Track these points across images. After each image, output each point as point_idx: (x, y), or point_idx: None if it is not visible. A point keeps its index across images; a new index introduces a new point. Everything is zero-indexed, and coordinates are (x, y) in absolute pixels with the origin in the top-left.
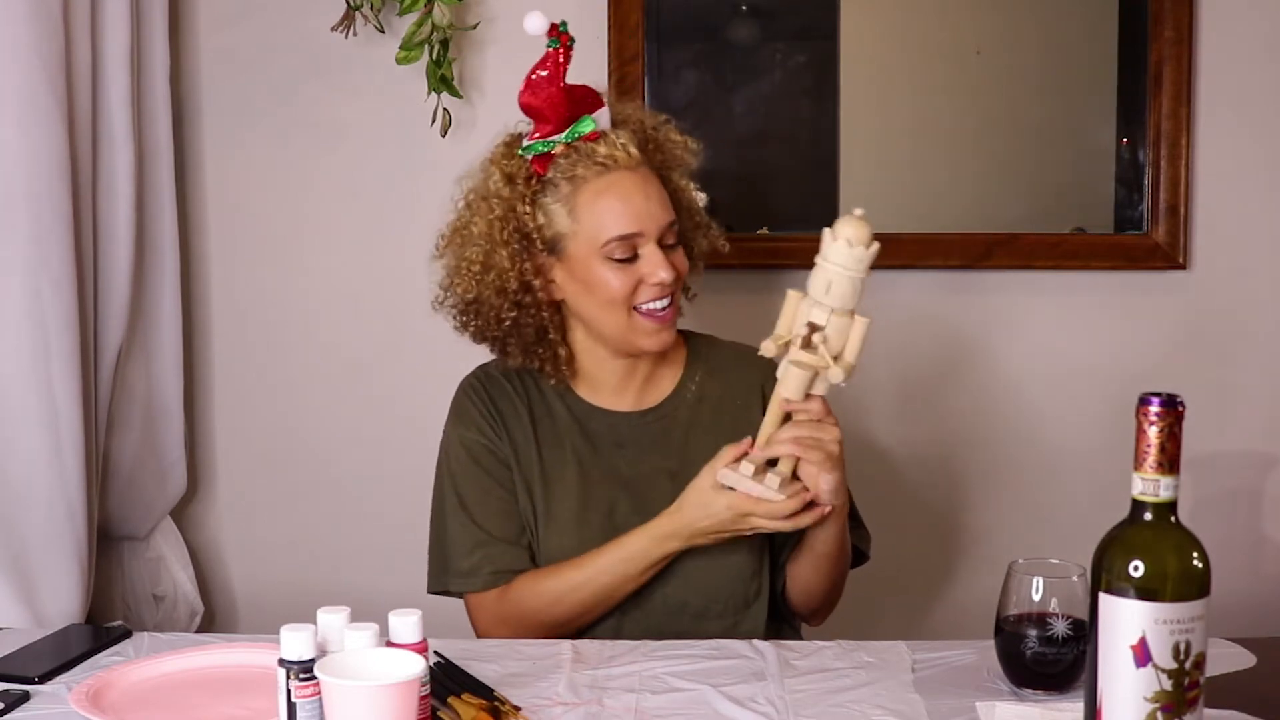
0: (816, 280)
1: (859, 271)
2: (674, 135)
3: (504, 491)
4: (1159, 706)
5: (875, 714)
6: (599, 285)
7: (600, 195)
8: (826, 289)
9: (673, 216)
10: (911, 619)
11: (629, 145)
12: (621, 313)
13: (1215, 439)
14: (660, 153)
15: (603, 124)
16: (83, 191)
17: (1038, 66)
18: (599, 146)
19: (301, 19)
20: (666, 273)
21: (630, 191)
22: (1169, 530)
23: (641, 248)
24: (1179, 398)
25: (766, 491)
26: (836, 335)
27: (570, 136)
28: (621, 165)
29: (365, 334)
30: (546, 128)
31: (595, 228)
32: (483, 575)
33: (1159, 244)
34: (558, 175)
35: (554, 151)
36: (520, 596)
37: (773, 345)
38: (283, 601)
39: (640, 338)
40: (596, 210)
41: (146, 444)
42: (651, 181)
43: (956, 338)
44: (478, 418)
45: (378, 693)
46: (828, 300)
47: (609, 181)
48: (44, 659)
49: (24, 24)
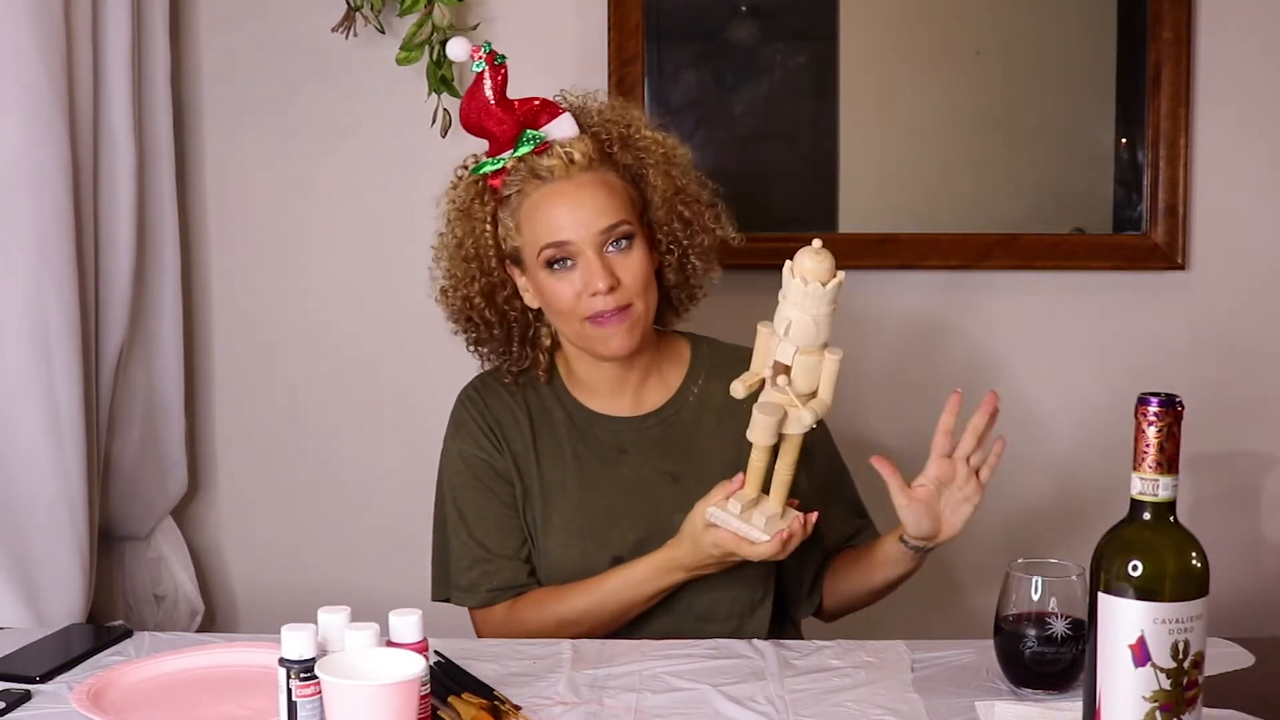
0: (779, 318)
1: (819, 310)
2: (645, 132)
3: (502, 505)
4: (1158, 706)
5: (874, 713)
6: (547, 293)
7: (535, 207)
8: (786, 329)
9: (614, 220)
10: (911, 618)
11: (574, 153)
12: (574, 322)
13: (1214, 439)
14: (630, 152)
15: (561, 132)
16: (84, 192)
17: (1037, 67)
18: (543, 159)
19: (302, 20)
20: (602, 281)
21: (559, 200)
22: (1168, 530)
23: (577, 257)
24: (1178, 398)
25: (751, 531)
26: (804, 375)
27: (517, 152)
28: (558, 176)
29: (365, 334)
30: (495, 146)
31: (533, 238)
32: (480, 592)
33: (1158, 244)
34: (509, 190)
35: (506, 167)
36: (525, 617)
37: (741, 387)
38: (283, 601)
39: (596, 345)
40: (532, 221)
41: (147, 444)
42: (589, 188)
43: (956, 338)
44: (475, 430)
45: (378, 692)
46: (789, 341)
47: (544, 193)
48: (45, 658)
49: (25, 25)
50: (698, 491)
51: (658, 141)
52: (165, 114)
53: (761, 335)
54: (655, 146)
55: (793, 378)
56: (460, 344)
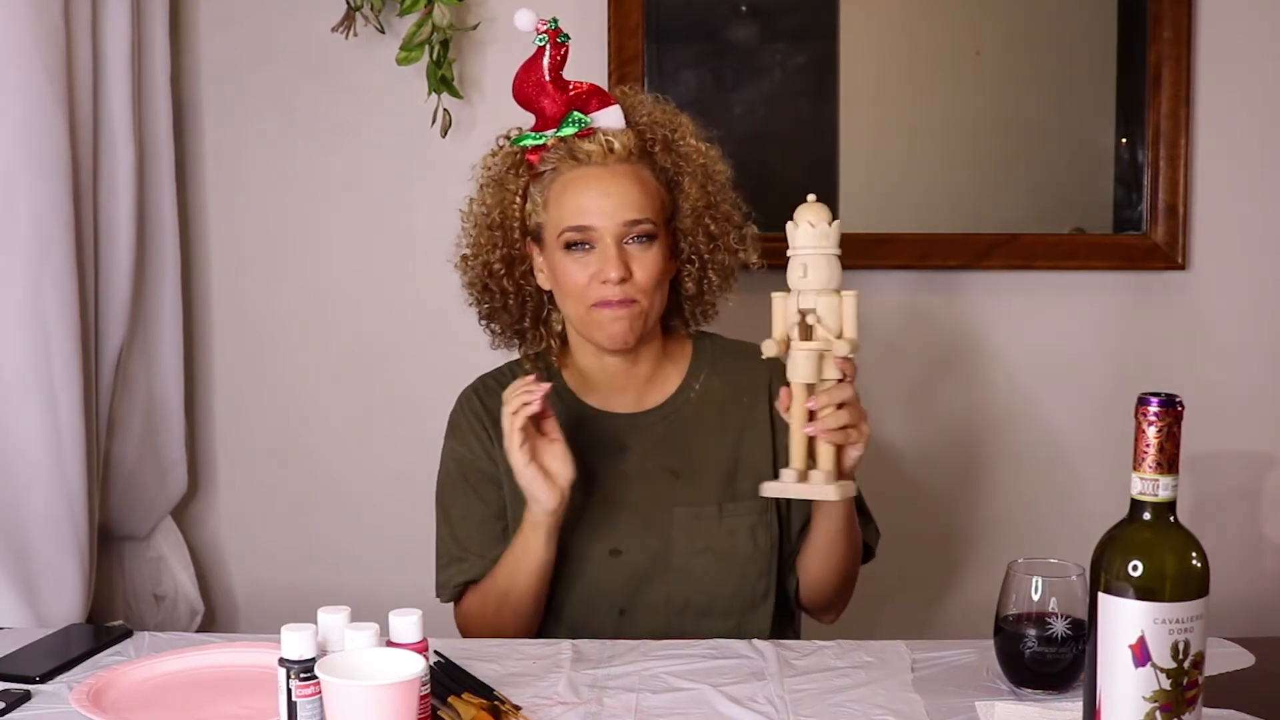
0: (793, 270)
1: (830, 247)
2: (690, 140)
3: (485, 508)
4: (1158, 706)
5: (875, 713)
6: (560, 274)
7: (566, 187)
8: (804, 273)
9: (638, 216)
10: (911, 618)
11: (614, 142)
12: (581, 306)
13: (1214, 439)
14: (671, 155)
15: (608, 122)
16: (84, 192)
17: (1037, 67)
18: (583, 142)
19: (302, 20)
20: (614, 271)
21: (591, 185)
22: (1168, 530)
23: (596, 243)
24: (1178, 398)
25: (817, 491)
26: (829, 314)
27: (560, 132)
28: (595, 161)
29: (365, 334)
30: (541, 121)
31: (557, 217)
32: (451, 589)
33: (1158, 244)
34: (545, 167)
35: (547, 144)
36: (469, 602)
37: (774, 344)
38: (283, 601)
39: (594, 331)
40: (560, 201)
41: (147, 444)
42: (624, 179)
43: (955, 338)
44: (467, 432)
45: (378, 692)
46: (808, 284)
47: (577, 175)
48: (45, 658)
49: (25, 25)
50: (697, 486)
51: (700, 151)
52: (165, 113)
53: (778, 300)
54: (696, 156)
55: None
56: (460, 344)
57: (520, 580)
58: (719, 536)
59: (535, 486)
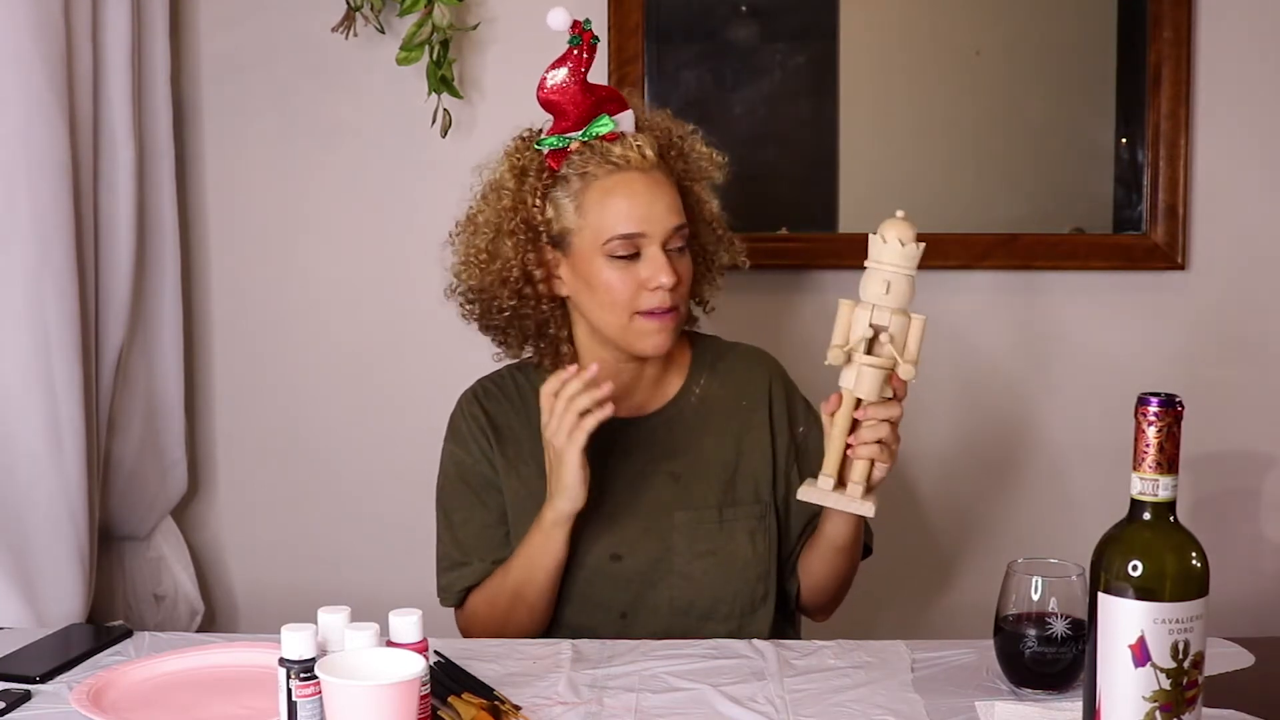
0: (872, 284)
1: (913, 269)
2: (700, 147)
3: (486, 513)
4: (1158, 706)
5: (874, 713)
6: (600, 284)
7: (608, 193)
8: (886, 290)
9: (681, 221)
10: (911, 618)
11: (645, 148)
12: (622, 315)
13: (1214, 439)
14: (683, 161)
15: (625, 127)
16: (84, 191)
17: (1037, 67)
18: (614, 146)
19: (302, 20)
20: (667, 277)
21: (638, 191)
22: (1168, 530)
23: (644, 249)
24: (1177, 398)
25: (852, 504)
26: (899, 334)
27: (587, 135)
28: (634, 166)
29: (365, 333)
30: (564, 124)
31: (600, 224)
32: (454, 593)
33: (1158, 244)
34: (570, 171)
35: (570, 148)
36: (476, 601)
37: (840, 353)
38: (283, 601)
39: (636, 340)
40: (603, 207)
41: (147, 443)
42: (663, 185)
43: (955, 338)
44: (467, 436)
45: (378, 692)
46: (888, 301)
47: (618, 180)
48: (45, 658)
49: (25, 25)
50: (697, 490)
51: (708, 157)
52: (165, 113)
53: (845, 308)
54: (706, 163)
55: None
56: (460, 344)
57: (538, 577)
58: (719, 540)
59: (577, 483)
